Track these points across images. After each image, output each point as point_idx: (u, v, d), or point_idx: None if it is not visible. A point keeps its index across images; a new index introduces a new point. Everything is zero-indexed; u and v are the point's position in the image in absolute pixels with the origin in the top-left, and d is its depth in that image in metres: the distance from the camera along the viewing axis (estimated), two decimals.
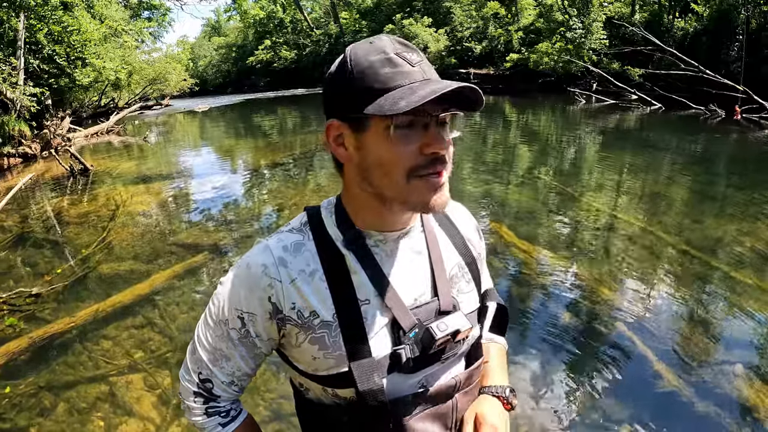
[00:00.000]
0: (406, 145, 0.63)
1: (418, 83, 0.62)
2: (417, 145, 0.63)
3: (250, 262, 0.72)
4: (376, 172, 0.66)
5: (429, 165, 0.64)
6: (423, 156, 0.64)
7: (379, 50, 0.64)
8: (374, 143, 0.65)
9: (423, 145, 0.63)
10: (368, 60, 0.64)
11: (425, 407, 0.73)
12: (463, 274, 0.80)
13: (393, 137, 0.63)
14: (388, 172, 0.65)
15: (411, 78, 0.62)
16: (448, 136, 0.67)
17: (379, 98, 0.61)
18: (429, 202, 0.66)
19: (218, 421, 0.79)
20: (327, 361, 0.70)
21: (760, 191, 5.10)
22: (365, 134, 0.65)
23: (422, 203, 0.66)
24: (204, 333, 0.77)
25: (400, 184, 0.65)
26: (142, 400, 2.33)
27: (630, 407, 2.07)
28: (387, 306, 0.70)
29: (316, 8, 36.64)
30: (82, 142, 12.55)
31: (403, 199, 0.66)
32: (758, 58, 12.13)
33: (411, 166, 0.64)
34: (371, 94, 0.62)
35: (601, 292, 3.07)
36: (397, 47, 0.65)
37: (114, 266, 3.92)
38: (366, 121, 0.64)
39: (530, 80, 19.75)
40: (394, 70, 0.62)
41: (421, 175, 0.65)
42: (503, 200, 5.31)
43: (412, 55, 0.64)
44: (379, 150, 0.65)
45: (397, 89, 0.62)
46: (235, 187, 6.77)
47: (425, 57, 0.67)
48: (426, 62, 0.66)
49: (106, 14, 14.87)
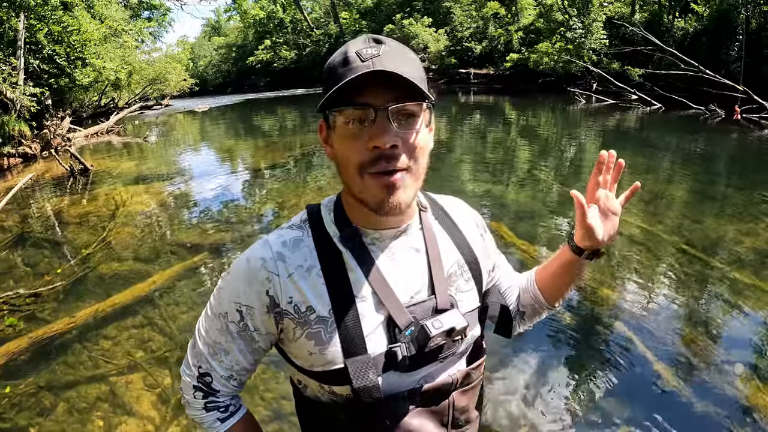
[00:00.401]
0: (354, 140, 0.64)
1: (354, 74, 0.61)
2: (365, 140, 0.63)
3: (250, 257, 0.73)
4: (341, 168, 0.68)
5: (375, 161, 0.63)
6: (368, 151, 0.63)
7: (344, 51, 0.65)
8: (336, 140, 0.67)
9: (367, 139, 0.63)
10: (333, 61, 0.66)
11: (421, 405, 0.73)
12: (463, 272, 0.80)
13: (342, 133, 0.65)
14: (345, 168, 0.67)
15: (355, 73, 0.61)
16: (405, 131, 0.64)
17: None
18: (381, 201, 0.64)
19: (217, 416, 0.80)
20: (323, 357, 0.70)
21: (760, 191, 5.10)
22: (334, 131, 0.67)
23: (374, 202, 0.65)
24: (204, 326, 0.78)
25: (356, 181, 0.65)
26: (142, 399, 2.33)
27: (630, 407, 2.07)
28: (383, 303, 0.70)
29: (316, 8, 36.63)
30: (82, 142, 12.55)
31: (360, 196, 0.66)
32: (758, 58, 12.13)
33: (359, 162, 0.64)
34: (327, 92, 0.64)
35: (601, 292, 3.07)
36: (364, 45, 0.64)
37: (114, 266, 3.92)
38: (331, 118, 0.66)
39: (530, 80, 19.74)
40: (345, 68, 0.63)
41: (371, 173, 0.64)
42: (503, 200, 5.31)
43: (371, 50, 0.63)
44: (338, 146, 0.66)
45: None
46: (235, 187, 6.77)
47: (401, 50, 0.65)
48: (388, 55, 0.62)
49: (106, 14, 14.86)
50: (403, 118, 0.64)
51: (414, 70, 0.64)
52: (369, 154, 0.63)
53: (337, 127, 0.66)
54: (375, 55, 0.62)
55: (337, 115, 0.65)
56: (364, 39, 0.65)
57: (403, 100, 0.63)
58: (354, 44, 0.65)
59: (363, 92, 0.62)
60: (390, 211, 0.65)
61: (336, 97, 0.62)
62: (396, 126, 0.63)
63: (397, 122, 0.63)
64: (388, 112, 0.62)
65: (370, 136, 0.62)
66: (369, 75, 0.60)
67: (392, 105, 0.62)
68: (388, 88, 0.62)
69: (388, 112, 0.62)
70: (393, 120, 0.63)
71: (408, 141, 0.64)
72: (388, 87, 0.62)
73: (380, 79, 0.60)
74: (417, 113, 0.65)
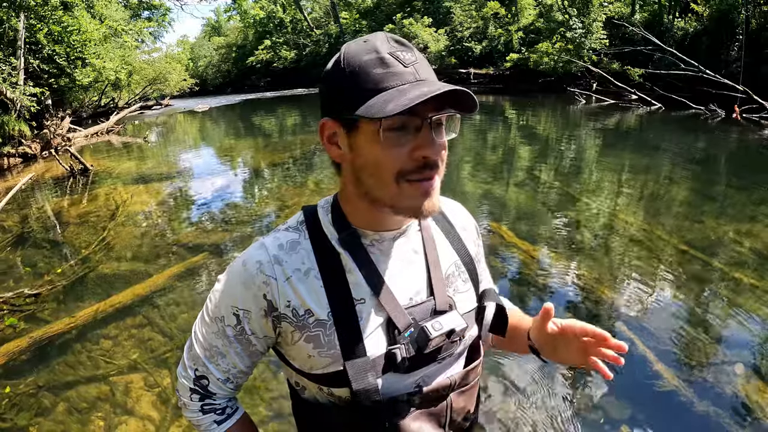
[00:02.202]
0: (396, 147, 0.62)
1: (408, 85, 0.60)
2: (408, 148, 0.62)
3: (246, 260, 0.72)
4: (366, 173, 0.65)
5: (419, 169, 0.63)
6: (413, 160, 0.62)
7: (372, 49, 0.62)
8: (365, 145, 0.64)
9: (414, 148, 0.62)
10: (361, 60, 0.62)
11: (420, 406, 0.73)
12: (460, 273, 0.80)
13: (383, 139, 0.62)
14: (377, 174, 0.64)
15: (402, 79, 0.60)
16: (442, 139, 0.65)
17: (369, 100, 0.60)
18: (418, 207, 0.64)
19: (214, 419, 0.80)
20: (322, 360, 0.70)
21: (760, 191, 5.10)
22: (357, 135, 0.64)
23: (411, 208, 0.65)
24: (201, 329, 0.77)
25: (390, 187, 0.64)
26: (142, 399, 2.33)
27: (630, 407, 2.07)
28: (382, 305, 0.70)
29: (316, 8, 36.59)
30: (82, 142, 12.55)
31: (391, 202, 0.65)
32: (758, 58, 12.11)
33: (400, 170, 0.62)
34: (362, 95, 0.61)
35: (601, 292, 3.07)
36: (392, 46, 0.63)
37: (114, 266, 3.92)
38: (357, 121, 0.63)
39: (530, 80, 19.72)
40: (385, 71, 0.61)
41: (411, 180, 0.63)
42: (503, 200, 5.31)
43: (406, 54, 0.62)
44: (370, 152, 0.63)
45: (387, 91, 0.60)
46: (235, 187, 6.77)
47: (422, 56, 0.65)
48: (422, 62, 0.63)
49: (106, 14, 14.87)
50: (437, 126, 0.64)
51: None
52: (413, 163, 0.62)
53: (368, 132, 0.63)
54: (414, 61, 0.62)
55: (367, 119, 0.61)
56: (385, 38, 0.64)
57: (447, 110, 0.63)
58: (380, 43, 0.63)
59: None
60: (427, 215, 0.66)
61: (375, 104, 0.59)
62: (435, 134, 0.63)
63: (435, 130, 0.63)
64: (432, 122, 0.62)
65: (417, 146, 0.62)
66: (426, 88, 0.58)
67: (437, 114, 0.62)
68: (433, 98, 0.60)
69: (432, 122, 0.62)
70: (433, 129, 0.63)
71: (442, 148, 0.65)
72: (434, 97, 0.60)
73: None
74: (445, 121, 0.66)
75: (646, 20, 17.08)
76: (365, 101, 0.60)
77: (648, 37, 13.73)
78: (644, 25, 16.06)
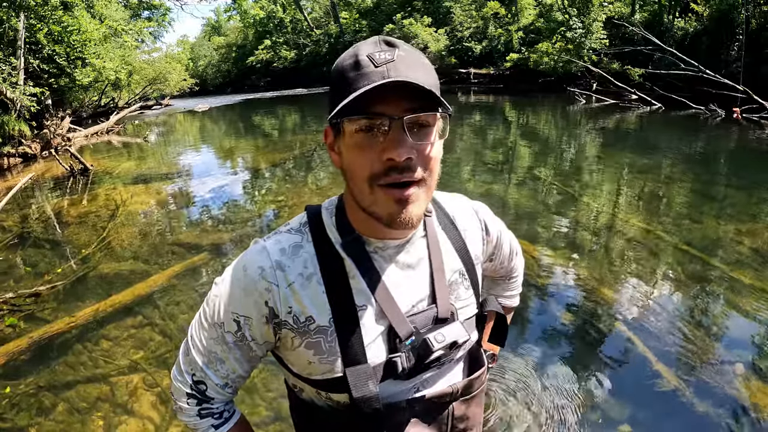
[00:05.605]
0: (366, 150, 0.60)
1: (372, 84, 0.57)
2: (377, 151, 0.60)
3: (247, 264, 0.70)
4: (348, 178, 0.65)
5: (387, 173, 0.60)
6: (381, 162, 0.60)
7: (354, 53, 0.61)
8: (344, 148, 0.63)
9: (381, 150, 0.60)
10: (342, 64, 0.62)
11: (420, 414, 0.72)
12: (463, 280, 0.78)
13: (352, 142, 0.61)
14: (353, 179, 0.63)
15: (369, 80, 0.58)
16: (423, 141, 0.61)
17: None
18: (393, 216, 0.62)
19: (211, 423, 0.78)
20: (322, 366, 0.69)
21: (760, 191, 5.09)
22: (342, 139, 0.64)
23: (385, 216, 0.62)
24: (198, 335, 0.75)
25: (365, 192, 0.62)
26: (142, 399, 2.33)
27: (630, 407, 2.07)
28: (384, 313, 0.69)
29: (316, 8, 36.59)
30: (82, 141, 12.55)
31: (369, 209, 0.63)
32: (758, 58, 12.11)
33: (370, 174, 0.61)
34: (338, 99, 0.60)
35: (601, 292, 3.07)
36: (375, 47, 0.61)
37: (114, 266, 3.92)
38: (340, 126, 0.62)
39: (530, 80, 19.72)
40: (357, 73, 0.59)
41: (381, 184, 0.61)
42: (503, 200, 5.31)
43: (384, 54, 0.59)
44: (347, 156, 0.63)
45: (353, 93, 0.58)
46: (235, 187, 6.76)
47: (416, 55, 0.62)
48: (402, 61, 0.60)
49: (106, 14, 14.87)
50: (418, 128, 0.61)
51: (429, 77, 0.61)
52: (381, 166, 0.60)
53: (346, 135, 0.62)
54: (389, 60, 0.59)
55: (346, 122, 0.61)
56: (375, 41, 0.62)
57: (419, 110, 0.59)
58: (365, 46, 0.62)
59: (376, 100, 0.58)
60: (401, 226, 0.63)
61: (347, 104, 0.58)
62: (411, 137, 0.60)
63: (411, 133, 0.60)
64: (404, 123, 0.59)
65: (383, 148, 0.59)
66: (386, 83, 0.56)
67: (408, 115, 0.59)
68: (403, 96, 0.58)
69: (404, 123, 0.59)
70: (408, 130, 0.59)
71: (423, 152, 0.62)
72: (404, 96, 0.58)
73: (396, 88, 0.57)
74: (432, 123, 0.62)
75: (646, 20, 17.08)
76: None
77: (648, 37, 13.72)
78: (644, 25, 16.05)
